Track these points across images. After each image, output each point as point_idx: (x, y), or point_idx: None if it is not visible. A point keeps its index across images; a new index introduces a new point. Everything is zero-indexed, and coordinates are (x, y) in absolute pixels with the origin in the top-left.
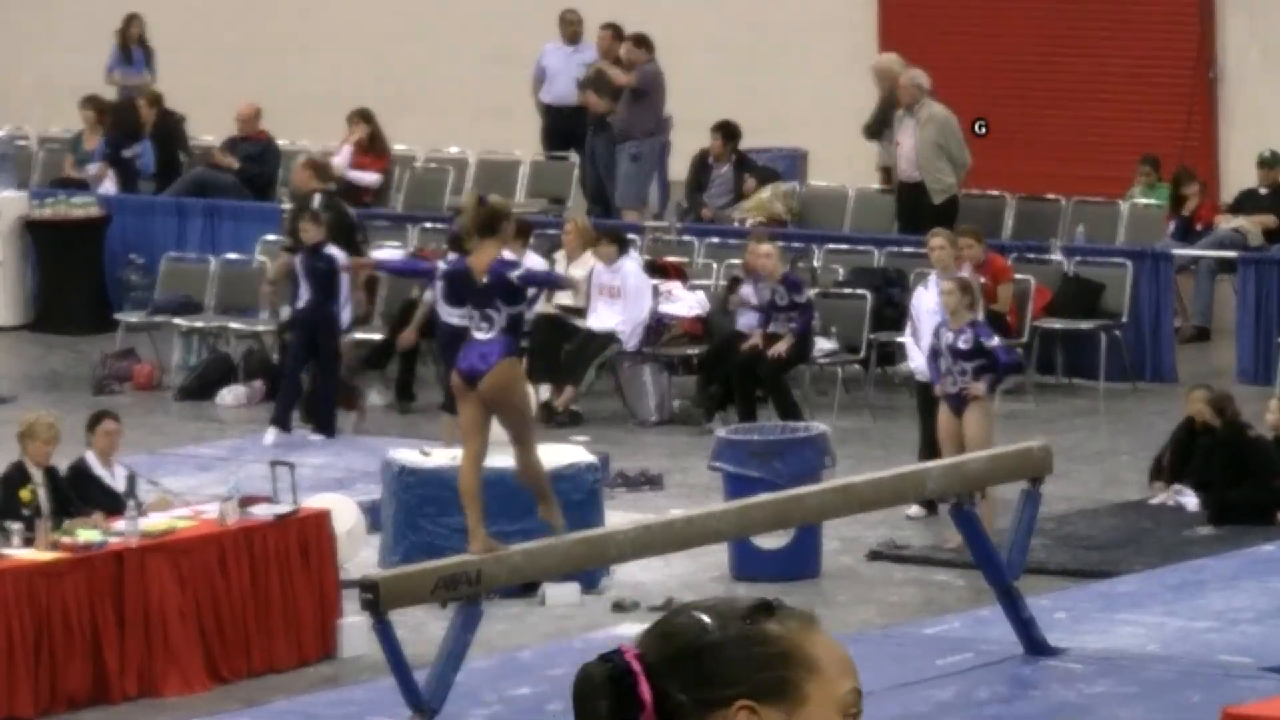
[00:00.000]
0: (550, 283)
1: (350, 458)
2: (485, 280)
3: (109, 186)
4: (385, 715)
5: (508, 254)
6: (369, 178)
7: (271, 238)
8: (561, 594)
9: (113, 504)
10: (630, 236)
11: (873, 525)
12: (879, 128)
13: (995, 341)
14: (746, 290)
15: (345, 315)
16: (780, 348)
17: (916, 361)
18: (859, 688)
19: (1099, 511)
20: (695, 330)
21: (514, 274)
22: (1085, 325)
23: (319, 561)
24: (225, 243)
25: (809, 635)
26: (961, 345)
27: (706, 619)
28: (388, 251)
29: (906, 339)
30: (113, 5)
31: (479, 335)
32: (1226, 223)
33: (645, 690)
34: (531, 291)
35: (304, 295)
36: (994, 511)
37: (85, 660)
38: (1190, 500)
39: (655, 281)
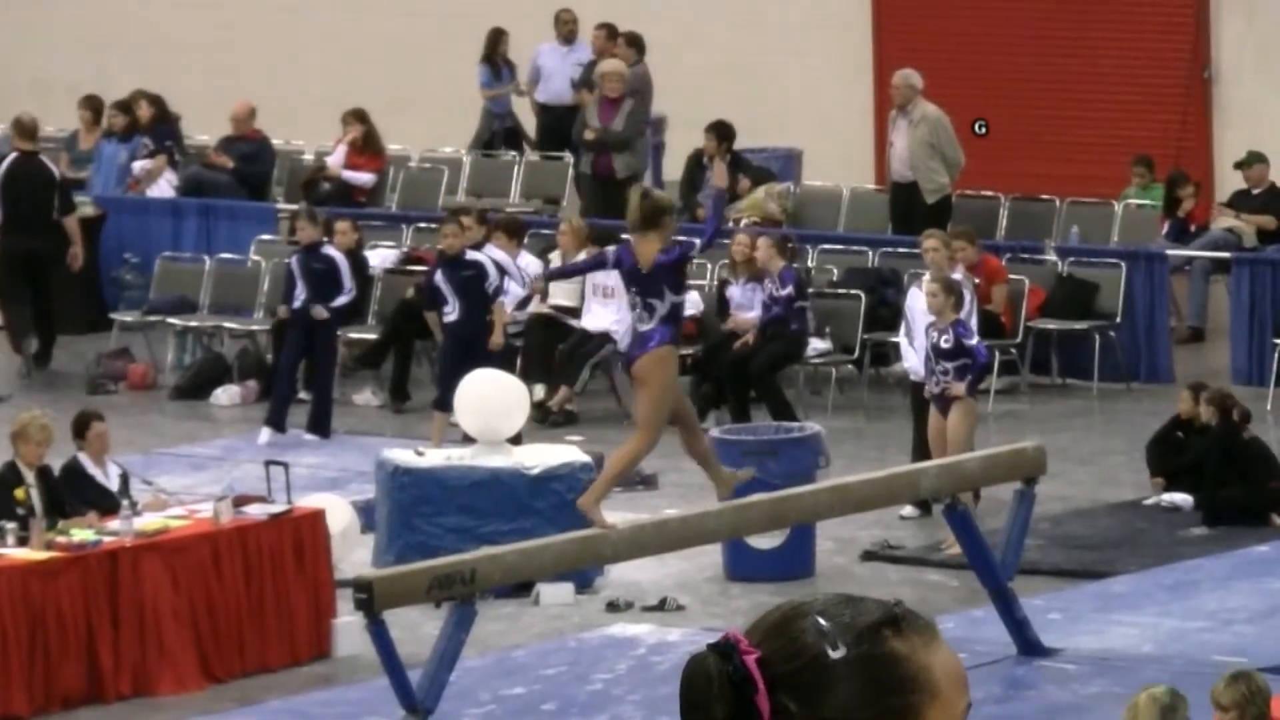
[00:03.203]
0: (711, 237)
1: (344, 457)
2: (647, 271)
3: (165, 186)
4: (379, 715)
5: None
6: (363, 177)
7: (266, 238)
8: (556, 594)
9: (107, 503)
10: (625, 237)
11: (867, 525)
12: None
13: (974, 340)
14: (734, 290)
15: (342, 300)
16: (749, 338)
17: (911, 362)
18: (970, 702)
19: (1093, 512)
20: (689, 330)
21: (690, 252)
22: (1079, 326)
23: (313, 561)
24: (220, 242)
25: (931, 654)
26: (943, 344)
27: (832, 631)
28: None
29: (901, 339)
30: (109, 4)
31: (640, 326)
32: (1220, 217)
33: (764, 705)
34: (524, 292)
35: (300, 295)
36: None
37: (80, 659)
38: (1181, 497)
39: None
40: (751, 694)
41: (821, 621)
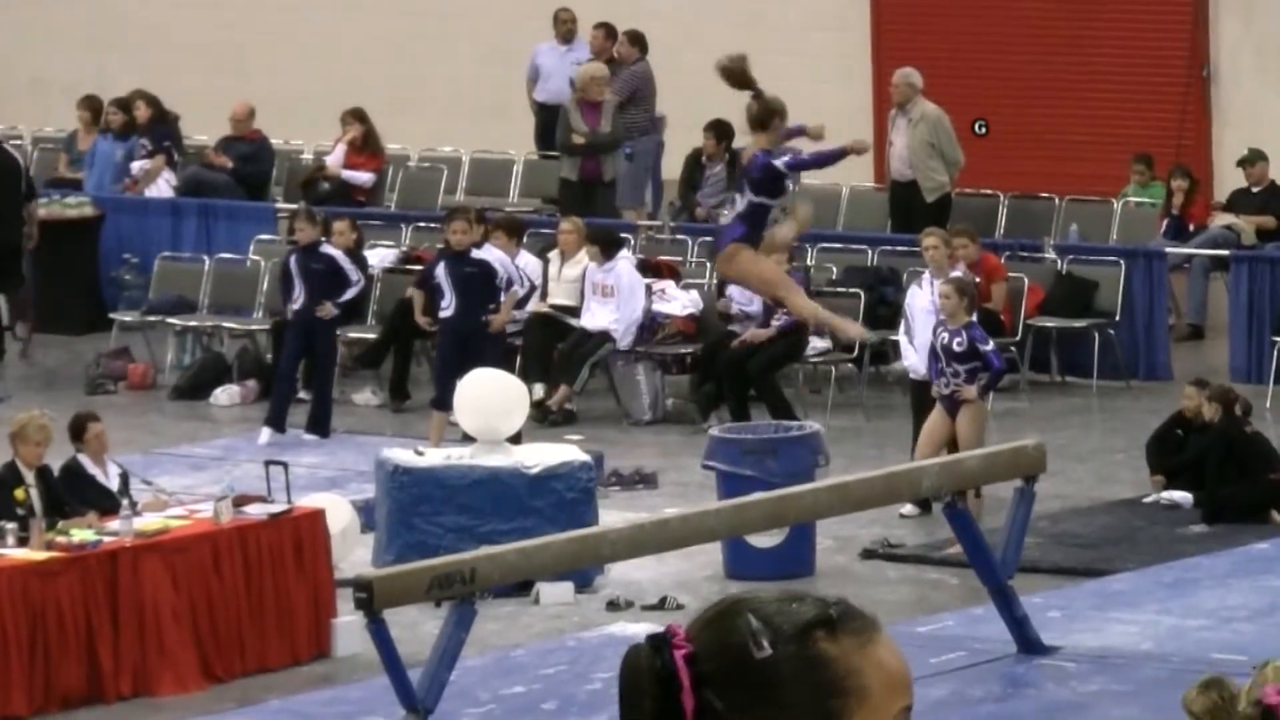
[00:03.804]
0: (819, 162)
1: (344, 457)
2: (742, 165)
3: (163, 186)
4: (379, 714)
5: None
6: (362, 177)
7: (265, 237)
8: (555, 593)
9: (107, 503)
10: (624, 236)
11: (866, 524)
12: None
13: (989, 346)
14: (733, 290)
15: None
16: (748, 335)
17: (910, 360)
18: (910, 704)
19: (1093, 510)
20: (689, 329)
21: (777, 161)
22: (1079, 324)
23: (313, 561)
24: (219, 242)
25: (864, 656)
26: (956, 347)
27: (761, 631)
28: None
29: (901, 337)
30: (108, 4)
31: (722, 219)
32: (1219, 219)
33: (688, 702)
34: (521, 291)
35: (299, 296)
36: (981, 508)
37: (80, 660)
38: (1181, 495)
39: (649, 281)
40: (677, 690)
41: (753, 620)
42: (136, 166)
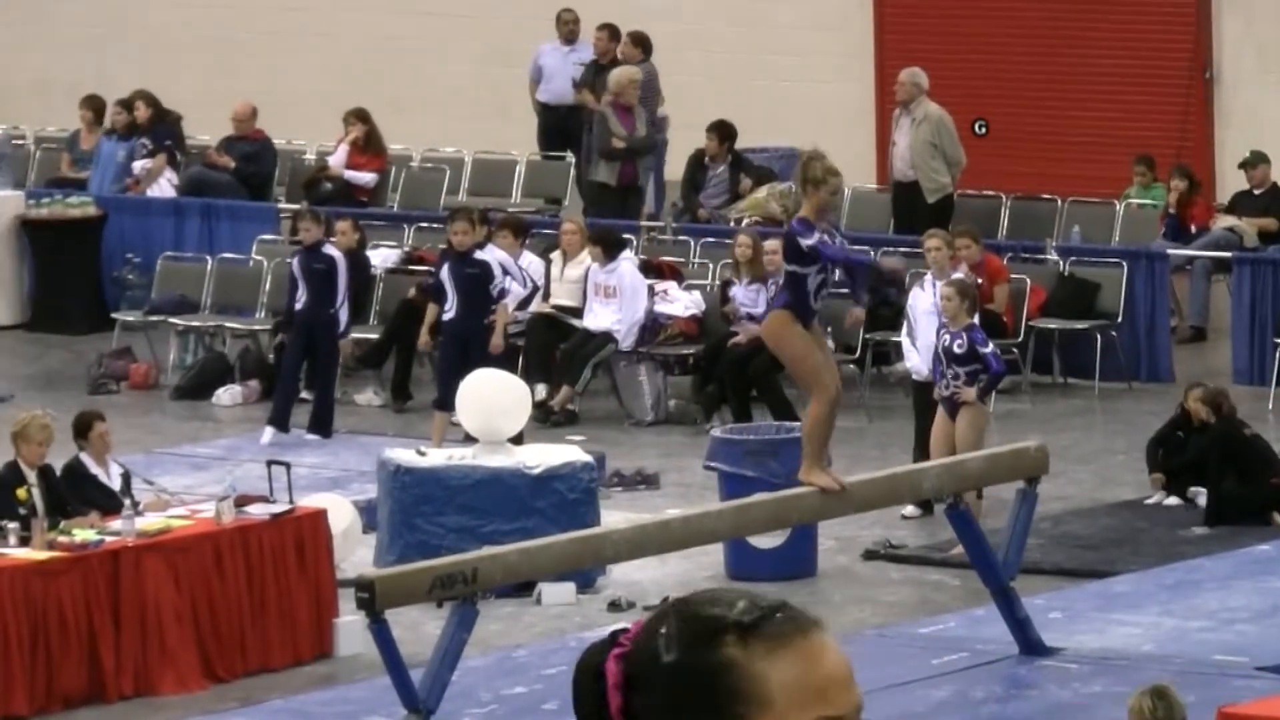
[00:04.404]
0: (845, 262)
1: (346, 457)
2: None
3: (165, 186)
4: (381, 714)
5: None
6: (365, 177)
7: (268, 237)
8: (557, 593)
9: (109, 503)
10: (626, 236)
11: (868, 525)
12: None
13: (989, 348)
14: (737, 291)
15: (343, 315)
16: (746, 335)
17: (913, 361)
18: (836, 714)
19: (1094, 511)
20: (691, 330)
21: (804, 240)
22: (1081, 325)
23: (315, 561)
24: (222, 242)
25: (772, 663)
26: (956, 349)
27: (670, 635)
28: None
29: (903, 339)
30: (110, 4)
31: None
32: (1221, 221)
33: (613, 700)
34: (526, 292)
35: (302, 296)
36: (981, 509)
37: (81, 659)
38: (1194, 488)
39: (651, 281)
40: (604, 689)
41: (669, 625)
42: (138, 166)
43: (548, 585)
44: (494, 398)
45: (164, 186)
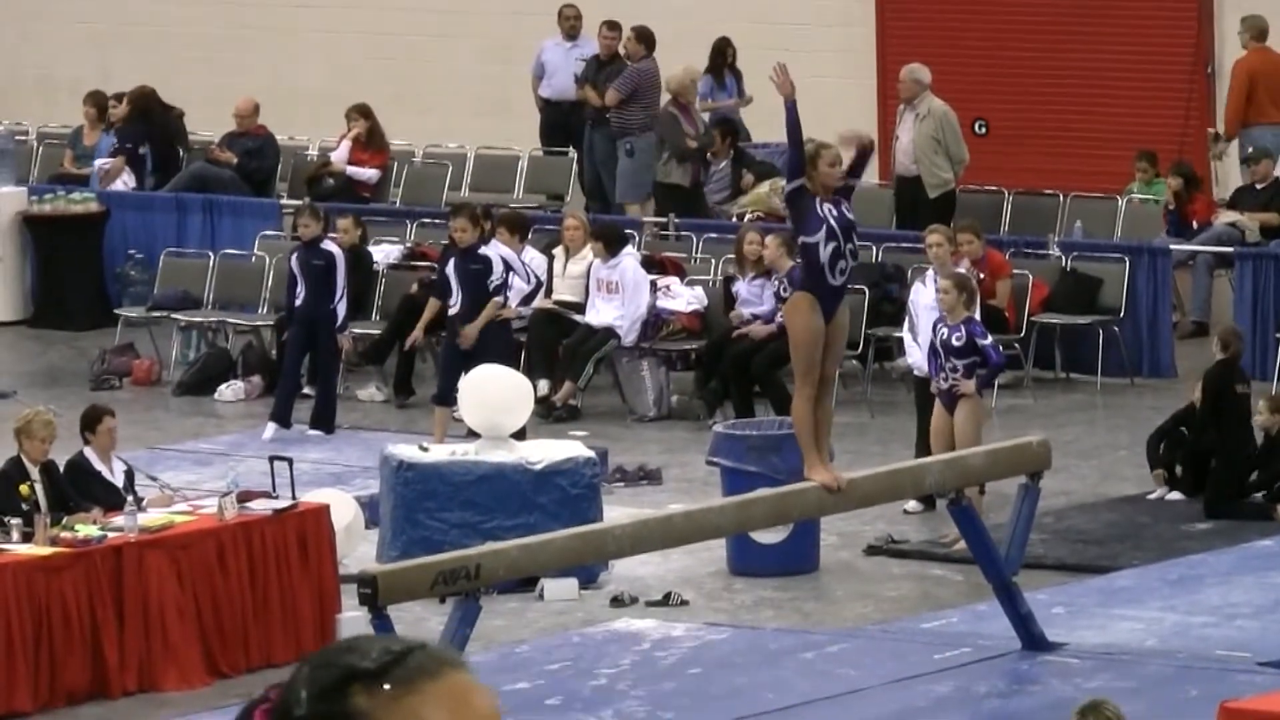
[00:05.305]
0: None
1: (348, 453)
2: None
3: (124, 183)
4: None
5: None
6: (367, 173)
7: (270, 233)
8: (560, 589)
9: (113, 499)
10: (628, 232)
11: (870, 520)
12: None
13: (988, 340)
14: (740, 286)
15: (341, 310)
16: (756, 329)
17: (914, 357)
18: None
19: (1097, 506)
20: (693, 326)
21: (788, 185)
22: (1083, 320)
23: (317, 556)
24: (224, 238)
25: (402, 708)
26: (955, 342)
27: (298, 688)
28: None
29: (905, 334)
30: (112, 1)
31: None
32: (1223, 216)
33: None
34: (529, 288)
35: (301, 292)
36: (983, 505)
37: (84, 655)
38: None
39: (653, 277)
40: None
41: (304, 673)
42: (97, 164)
43: (550, 581)
44: (496, 393)
45: (120, 188)
